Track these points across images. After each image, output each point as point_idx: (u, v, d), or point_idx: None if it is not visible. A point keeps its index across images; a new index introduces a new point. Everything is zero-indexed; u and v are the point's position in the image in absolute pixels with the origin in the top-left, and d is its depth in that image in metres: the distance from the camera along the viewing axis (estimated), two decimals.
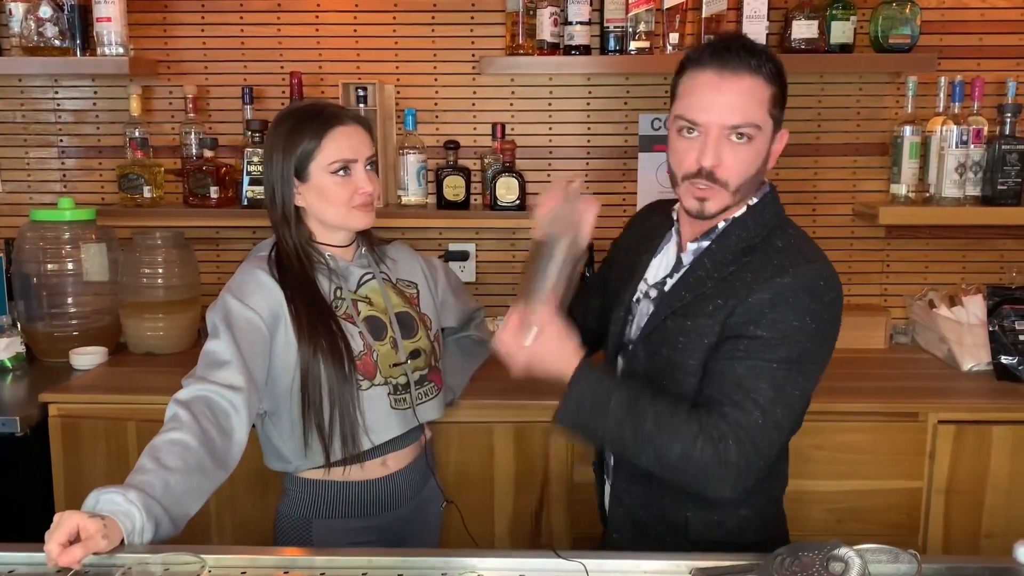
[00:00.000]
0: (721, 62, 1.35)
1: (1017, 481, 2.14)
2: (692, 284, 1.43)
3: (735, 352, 1.35)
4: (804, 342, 1.34)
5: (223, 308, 1.56)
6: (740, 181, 1.38)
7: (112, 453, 2.17)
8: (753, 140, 1.36)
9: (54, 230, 2.48)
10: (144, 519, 1.25)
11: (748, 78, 1.35)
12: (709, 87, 1.36)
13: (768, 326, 1.33)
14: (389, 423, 1.65)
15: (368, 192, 1.63)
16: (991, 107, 2.46)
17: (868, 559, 1.15)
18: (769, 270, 1.37)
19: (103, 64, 2.42)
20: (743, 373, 1.33)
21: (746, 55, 1.35)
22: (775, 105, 1.38)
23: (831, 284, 1.38)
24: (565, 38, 2.42)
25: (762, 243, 1.42)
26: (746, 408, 1.31)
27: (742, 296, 1.36)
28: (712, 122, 1.35)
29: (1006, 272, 2.60)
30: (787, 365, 1.33)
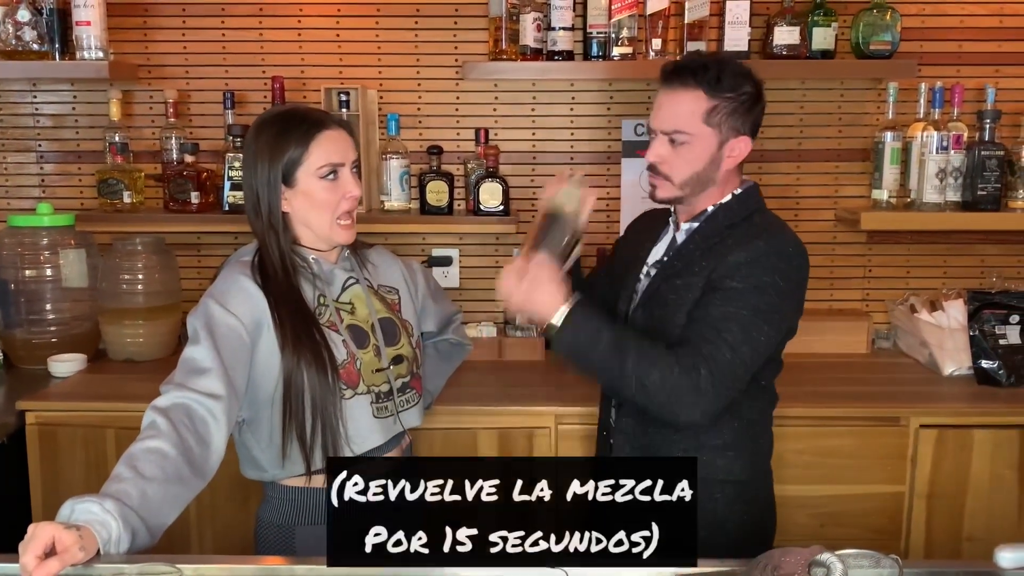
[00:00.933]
0: (667, 78, 1.61)
1: (998, 485, 2.15)
2: (683, 255, 1.66)
3: (713, 300, 1.56)
4: (772, 296, 1.55)
5: (205, 314, 1.54)
6: (683, 177, 1.62)
7: (91, 461, 2.14)
8: (687, 145, 1.59)
9: (32, 236, 2.45)
10: (121, 529, 1.23)
11: (683, 93, 1.59)
12: (659, 99, 1.64)
13: (742, 279, 1.55)
14: (372, 432, 1.64)
15: (356, 196, 1.63)
16: (971, 113, 2.49)
17: (850, 564, 1.15)
18: (748, 236, 1.60)
19: (82, 68, 2.40)
20: (718, 316, 1.54)
21: (689, 73, 1.57)
22: (719, 113, 1.58)
23: (798, 251, 1.61)
24: (548, 43, 2.42)
25: (743, 220, 1.65)
26: (718, 345, 1.52)
27: (723, 256, 1.58)
28: (655, 128, 1.64)
29: (986, 277, 2.62)
30: (755, 313, 1.54)
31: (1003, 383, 2.28)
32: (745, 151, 1.63)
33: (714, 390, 1.51)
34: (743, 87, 1.59)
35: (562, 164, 2.66)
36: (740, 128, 1.60)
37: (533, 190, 2.67)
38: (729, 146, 1.61)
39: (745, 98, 1.59)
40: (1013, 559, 1.19)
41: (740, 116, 1.60)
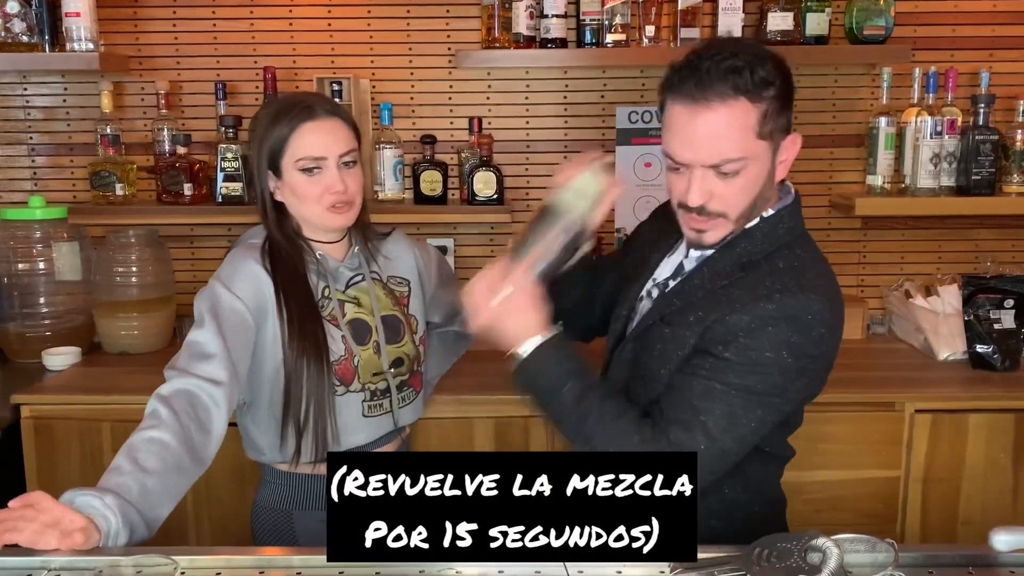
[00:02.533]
0: (693, 92, 1.25)
1: (992, 469, 2.16)
2: (685, 292, 1.38)
3: (698, 369, 1.30)
4: (774, 375, 1.28)
5: (211, 296, 1.54)
6: (739, 210, 1.31)
7: (86, 454, 2.14)
8: (743, 172, 1.28)
9: (25, 229, 2.44)
10: (120, 524, 1.23)
11: (723, 108, 1.24)
12: (684, 123, 1.28)
13: (737, 350, 1.27)
14: (358, 431, 1.63)
15: (339, 191, 1.57)
16: (965, 98, 2.48)
17: (845, 549, 1.15)
18: (758, 291, 1.29)
19: (73, 60, 2.38)
20: (700, 393, 1.28)
21: (719, 80, 1.23)
22: (769, 119, 1.27)
23: (822, 318, 1.28)
24: (541, 31, 2.41)
25: (765, 260, 1.33)
26: (692, 431, 1.27)
27: (723, 313, 1.30)
28: (693, 161, 1.28)
29: (981, 262, 2.62)
30: (747, 395, 1.27)
31: (998, 367, 2.29)
32: (795, 151, 1.33)
33: None
34: (778, 73, 1.28)
35: (556, 152, 2.65)
36: (786, 125, 1.31)
37: (527, 179, 2.66)
38: (780, 152, 1.32)
39: (783, 87, 1.28)
40: (1008, 542, 1.20)
41: (785, 111, 1.29)
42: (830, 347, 1.32)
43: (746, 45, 1.30)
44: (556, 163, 2.65)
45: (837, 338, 1.33)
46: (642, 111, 2.62)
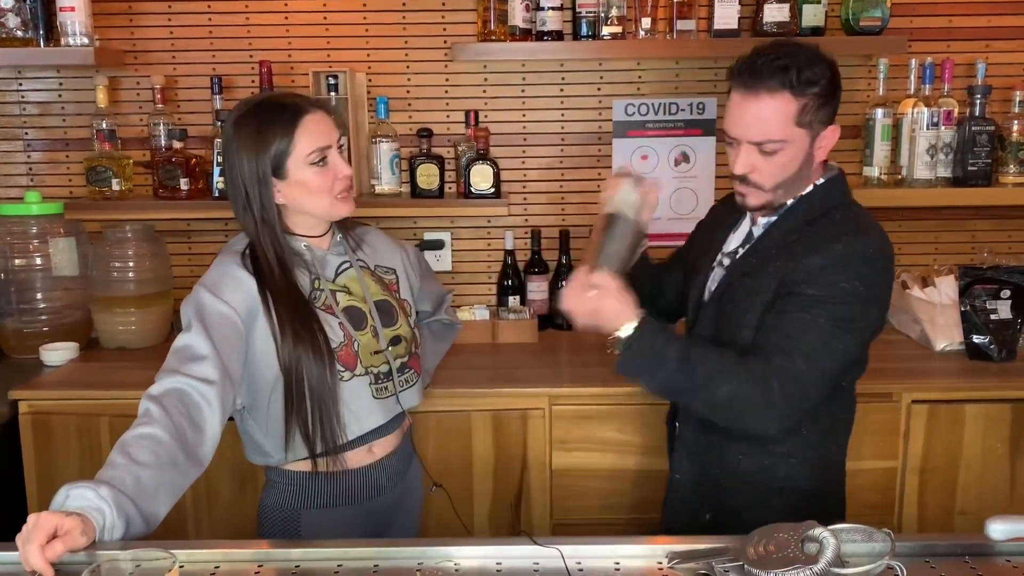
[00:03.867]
0: (746, 82, 1.50)
1: (989, 459, 2.17)
2: (759, 251, 1.60)
3: (788, 306, 1.49)
4: (853, 303, 1.48)
5: (196, 303, 1.54)
6: (775, 182, 1.55)
7: (84, 450, 2.14)
8: (780, 152, 1.51)
9: (21, 224, 2.44)
10: (115, 515, 1.23)
11: (768, 99, 1.49)
12: (738, 106, 1.53)
13: (819, 285, 1.48)
14: (372, 413, 1.64)
15: (348, 174, 1.61)
16: (961, 89, 2.48)
17: (842, 538, 1.16)
18: (826, 237, 1.52)
19: (68, 55, 2.37)
20: (793, 324, 1.48)
21: (769, 75, 1.48)
22: (809, 112, 1.50)
23: (881, 253, 1.53)
24: (537, 23, 2.40)
25: (823, 216, 1.56)
26: (792, 356, 1.46)
27: (799, 258, 1.51)
28: (740, 137, 1.53)
29: (977, 252, 2.62)
30: (834, 322, 1.47)
31: (994, 358, 2.29)
32: (834, 140, 1.56)
33: (786, 403, 1.46)
34: (824, 75, 1.51)
35: (553, 145, 2.65)
36: (827, 119, 1.54)
37: (524, 172, 2.66)
38: (819, 140, 1.54)
39: (827, 86, 1.51)
40: (1004, 531, 1.20)
41: (826, 107, 1.52)
42: (888, 277, 1.55)
43: (802, 49, 1.52)
44: (553, 156, 2.65)
45: (893, 271, 1.57)
46: (638, 104, 2.62)
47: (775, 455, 1.60)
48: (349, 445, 1.63)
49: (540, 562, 1.20)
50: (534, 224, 2.67)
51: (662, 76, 2.61)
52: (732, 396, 1.46)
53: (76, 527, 1.18)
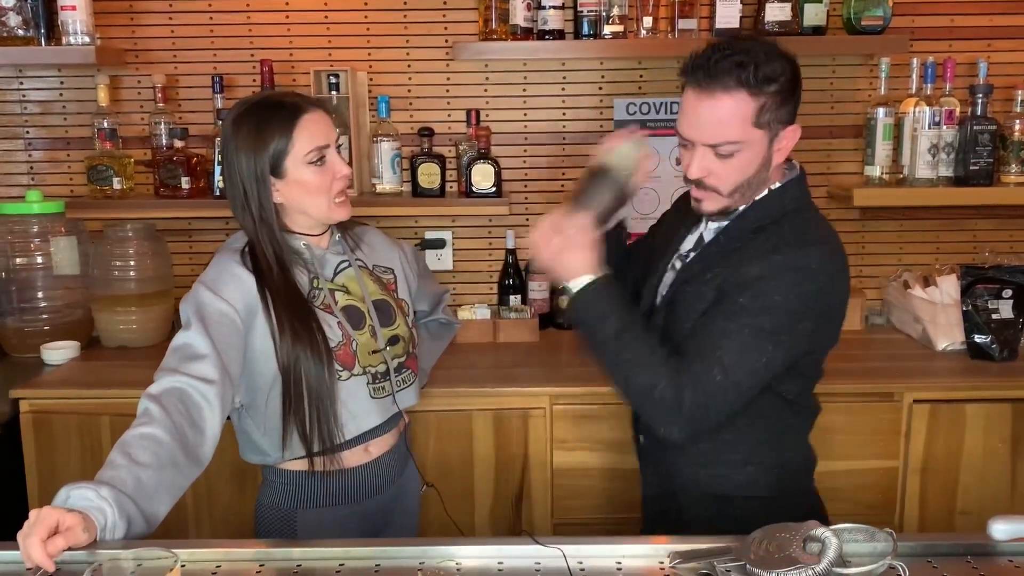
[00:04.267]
0: (701, 81, 1.41)
1: (991, 459, 2.16)
2: (705, 257, 1.55)
3: (716, 314, 1.45)
4: (782, 316, 1.41)
5: (196, 300, 1.54)
6: (732, 186, 1.47)
7: (86, 448, 2.14)
8: (737, 154, 1.43)
9: (22, 223, 2.44)
10: (116, 515, 1.23)
11: (725, 97, 1.40)
12: (691, 105, 1.44)
13: (751, 295, 1.42)
14: (369, 412, 1.64)
15: (346, 174, 1.61)
16: (963, 88, 2.48)
17: (844, 538, 1.15)
18: (769, 247, 1.46)
19: (69, 54, 2.37)
20: (717, 333, 1.43)
21: (725, 72, 1.39)
22: (767, 111, 1.42)
23: (825, 268, 1.45)
24: (539, 23, 2.40)
25: (773, 224, 1.49)
26: (709, 363, 1.41)
27: (737, 266, 1.46)
28: (695, 140, 1.45)
29: (979, 252, 2.62)
30: (758, 333, 1.41)
31: (996, 358, 2.29)
32: (794, 140, 1.48)
33: (696, 412, 1.41)
34: (783, 71, 1.42)
35: (554, 144, 2.65)
36: (787, 118, 1.46)
37: (525, 171, 2.66)
38: (778, 140, 1.47)
39: (787, 84, 1.43)
40: (1006, 531, 1.20)
41: (786, 106, 1.45)
42: (833, 298, 1.48)
43: (760, 44, 1.44)
44: (554, 155, 2.65)
45: (840, 289, 1.50)
46: (640, 103, 2.62)
47: (730, 464, 1.54)
48: (346, 444, 1.63)
49: (542, 562, 1.20)
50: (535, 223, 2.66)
51: (663, 75, 2.61)
52: (645, 391, 1.43)
53: (78, 524, 1.18)
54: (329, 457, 1.60)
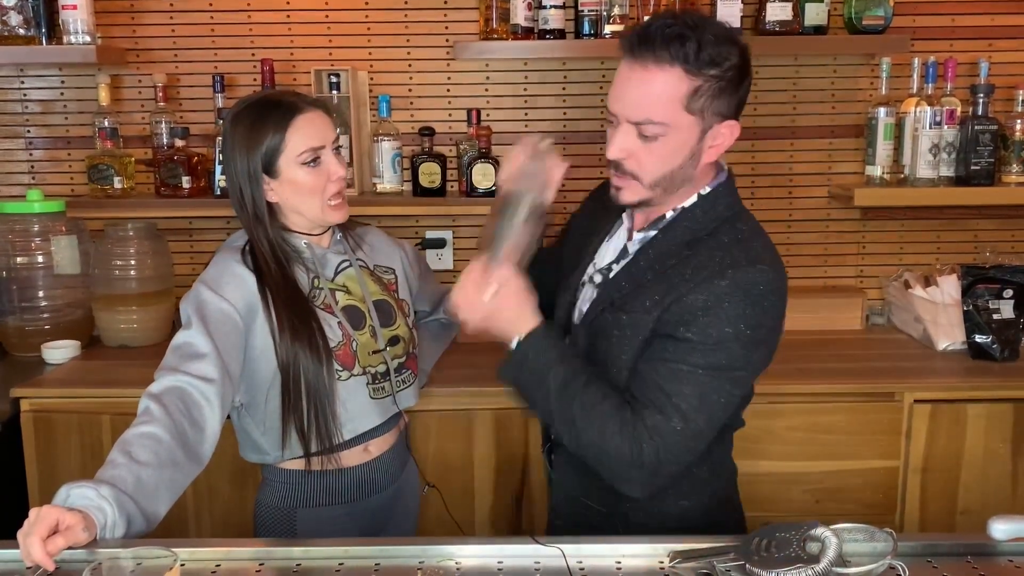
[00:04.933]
0: (635, 51, 1.27)
1: (991, 459, 2.16)
2: (633, 275, 1.39)
3: (663, 353, 1.31)
4: (734, 348, 1.29)
5: (196, 299, 1.54)
6: (655, 177, 1.33)
7: (86, 448, 2.14)
8: (662, 138, 1.29)
9: (23, 223, 2.44)
10: (116, 514, 1.23)
11: (657, 72, 1.26)
12: (622, 77, 1.31)
13: (699, 330, 1.29)
14: (368, 413, 1.64)
15: (342, 176, 1.60)
16: (964, 88, 2.48)
17: (844, 538, 1.15)
18: (709, 269, 1.31)
19: (70, 53, 2.37)
20: (668, 376, 1.29)
21: (663, 45, 1.25)
22: (702, 96, 1.27)
23: (772, 287, 1.31)
24: (539, 22, 2.40)
25: (709, 236, 1.36)
26: (667, 413, 1.28)
27: (679, 293, 1.31)
28: (619, 114, 1.31)
29: (980, 252, 2.62)
30: (714, 372, 1.29)
31: (996, 358, 2.29)
32: (731, 139, 1.33)
33: (659, 466, 1.28)
34: (729, 58, 1.27)
35: (555, 144, 2.63)
36: (726, 112, 1.30)
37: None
38: (712, 135, 1.31)
39: (732, 73, 1.27)
40: (1006, 530, 1.20)
41: (726, 97, 1.29)
42: (777, 315, 1.35)
43: (713, 24, 1.30)
44: None
45: (784, 304, 1.36)
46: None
47: (664, 500, 1.41)
48: (345, 444, 1.62)
49: (541, 561, 1.20)
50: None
51: None
52: (600, 447, 1.29)
53: (78, 523, 1.18)
54: (327, 457, 1.60)
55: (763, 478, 2.14)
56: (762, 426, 2.13)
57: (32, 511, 1.18)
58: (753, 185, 2.62)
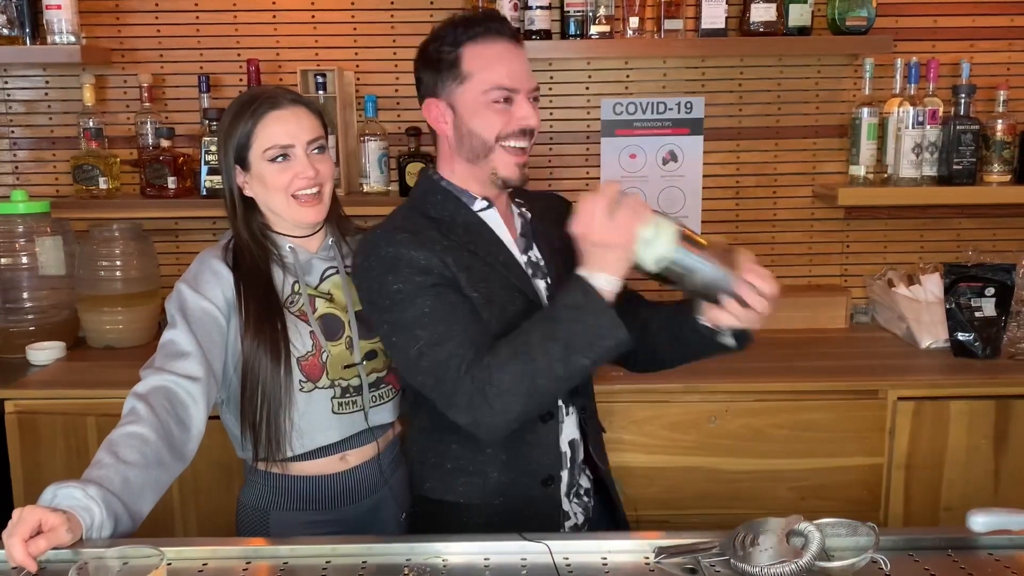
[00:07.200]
0: (501, 31, 1.50)
1: (974, 455, 2.18)
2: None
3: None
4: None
5: (178, 298, 1.54)
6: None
7: (72, 449, 2.13)
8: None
9: (7, 223, 2.43)
10: (103, 514, 1.23)
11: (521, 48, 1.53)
12: (511, 55, 1.49)
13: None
14: (327, 428, 1.59)
15: (308, 176, 1.56)
16: (946, 88, 2.50)
17: (827, 532, 1.17)
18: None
19: (54, 53, 2.36)
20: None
21: (510, 26, 1.54)
22: None
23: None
24: (525, 23, 2.41)
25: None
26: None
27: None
28: (521, 87, 1.48)
29: (962, 250, 2.64)
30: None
31: (979, 355, 2.31)
32: None
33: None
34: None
35: (541, 144, 2.65)
36: None
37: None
38: None
39: None
40: (985, 523, 1.22)
41: None
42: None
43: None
44: (541, 155, 2.65)
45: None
46: (627, 103, 2.63)
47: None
48: (324, 450, 1.60)
49: (528, 557, 1.21)
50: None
51: (650, 75, 2.62)
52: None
53: (61, 524, 1.18)
54: (281, 463, 1.58)
55: (748, 475, 2.15)
56: (747, 424, 2.14)
57: (15, 512, 1.18)
58: (738, 185, 2.64)
